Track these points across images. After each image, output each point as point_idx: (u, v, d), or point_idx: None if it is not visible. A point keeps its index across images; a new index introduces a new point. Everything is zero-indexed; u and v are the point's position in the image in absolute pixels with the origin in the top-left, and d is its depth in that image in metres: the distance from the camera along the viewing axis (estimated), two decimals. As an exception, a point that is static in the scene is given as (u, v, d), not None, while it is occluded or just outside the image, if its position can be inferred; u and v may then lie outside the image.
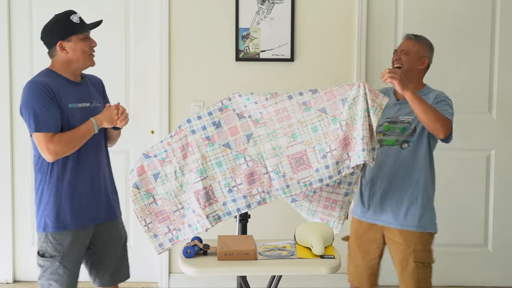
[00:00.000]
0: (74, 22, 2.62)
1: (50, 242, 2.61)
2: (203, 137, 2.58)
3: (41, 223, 2.62)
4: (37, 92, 2.53)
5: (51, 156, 2.54)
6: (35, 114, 2.52)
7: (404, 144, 2.85)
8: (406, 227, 2.82)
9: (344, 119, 2.52)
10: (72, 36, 2.61)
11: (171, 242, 2.62)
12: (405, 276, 2.84)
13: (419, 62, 2.89)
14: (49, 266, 2.63)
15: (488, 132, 4.04)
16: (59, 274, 2.62)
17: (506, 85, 4.01)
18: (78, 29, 2.62)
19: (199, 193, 2.55)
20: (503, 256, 4.10)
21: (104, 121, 2.64)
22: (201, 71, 3.97)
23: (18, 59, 4.06)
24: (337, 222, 2.81)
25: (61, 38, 2.61)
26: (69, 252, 2.62)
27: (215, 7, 3.94)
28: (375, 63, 3.96)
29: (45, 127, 2.52)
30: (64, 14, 2.65)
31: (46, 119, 2.52)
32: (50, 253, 2.62)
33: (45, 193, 2.62)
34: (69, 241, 2.62)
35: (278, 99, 2.59)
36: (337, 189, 2.74)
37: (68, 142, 2.55)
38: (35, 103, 2.52)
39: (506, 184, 4.07)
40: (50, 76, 2.62)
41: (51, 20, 2.66)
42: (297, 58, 3.95)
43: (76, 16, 2.66)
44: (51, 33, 2.64)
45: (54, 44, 2.62)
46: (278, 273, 2.57)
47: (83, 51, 2.63)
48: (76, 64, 2.65)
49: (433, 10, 3.96)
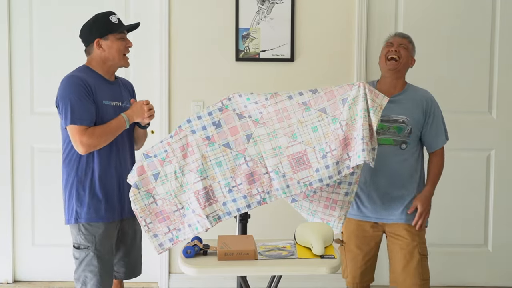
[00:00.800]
0: (113, 22, 2.75)
1: (83, 233, 2.71)
2: (203, 137, 2.58)
3: (73, 214, 2.72)
4: (74, 85, 2.64)
5: (84, 148, 2.64)
6: (72, 107, 2.63)
7: (402, 144, 2.91)
8: (410, 221, 2.91)
9: (344, 119, 2.52)
10: (109, 34, 2.73)
11: (171, 242, 2.62)
12: (410, 269, 2.88)
13: (411, 60, 3.00)
14: (84, 257, 2.71)
15: (488, 132, 4.04)
16: (94, 265, 2.70)
17: (506, 85, 4.01)
18: (116, 28, 2.74)
19: (199, 193, 2.55)
20: (503, 256, 4.10)
21: (134, 115, 2.76)
22: (201, 71, 3.97)
23: (18, 58, 4.06)
24: (337, 222, 2.81)
25: (99, 36, 2.73)
26: (102, 243, 2.72)
27: (215, 7, 3.94)
28: (375, 63, 3.95)
29: (80, 120, 2.63)
30: (104, 14, 2.78)
31: (81, 112, 2.63)
32: (84, 244, 2.71)
33: (75, 185, 2.72)
34: (101, 232, 2.72)
35: (278, 99, 2.59)
36: (337, 189, 2.74)
37: (100, 136, 2.65)
38: (72, 96, 2.63)
39: (506, 184, 4.07)
40: (87, 72, 2.73)
41: (91, 19, 2.78)
42: (297, 58, 3.95)
43: (115, 16, 2.79)
44: (90, 31, 2.75)
45: (92, 41, 2.74)
46: (278, 273, 2.57)
47: (118, 50, 2.75)
48: (111, 62, 2.77)
49: (433, 10, 3.96)
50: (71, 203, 2.73)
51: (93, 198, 2.71)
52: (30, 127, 4.09)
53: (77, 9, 3.98)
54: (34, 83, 4.06)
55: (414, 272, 2.88)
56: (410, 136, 2.91)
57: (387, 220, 2.94)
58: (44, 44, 4.03)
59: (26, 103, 4.07)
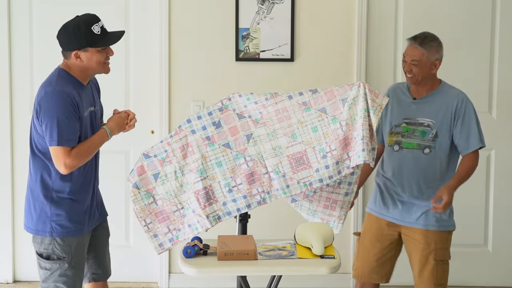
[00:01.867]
0: (95, 33, 2.52)
1: (58, 244, 2.56)
2: (203, 137, 2.58)
3: (46, 226, 2.56)
4: (63, 103, 2.47)
5: (67, 170, 2.49)
6: (59, 127, 2.46)
7: (426, 149, 2.83)
8: (428, 227, 2.84)
9: (344, 119, 2.52)
10: (89, 47, 2.53)
11: (171, 242, 2.62)
12: (425, 274, 2.85)
13: (431, 68, 2.84)
14: (58, 268, 2.57)
15: (488, 132, 4.02)
16: (68, 276, 2.58)
17: (506, 85, 4.01)
18: (97, 41, 2.53)
19: (199, 193, 2.55)
20: (503, 256, 4.09)
21: (116, 129, 2.65)
22: (201, 71, 3.97)
23: (18, 57, 4.05)
24: (337, 222, 2.81)
25: (78, 47, 2.53)
26: (77, 253, 2.60)
27: (215, 7, 3.94)
28: (375, 63, 3.96)
29: (67, 142, 2.48)
30: (86, 23, 2.53)
31: (69, 133, 2.48)
32: (59, 255, 2.57)
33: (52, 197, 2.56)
34: (77, 242, 2.60)
35: (278, 99, 2.59)
36: (337, 189, 2.74)
37: (85, 156, 2.53)
38: (60, 115, 2.46)
39: (506, 184, 4.06)
40: (68, 81, 2.55)
41: (72, 25, 2.55)
42: (297, 58, 3.95)
43: (98, 25, 2.55)
44: (69, 40, 2.55)
45: (70, 51, 2.55)
46: (278, 273, 2.57)
47: (98, 61, 2.56)
48: (90, 72, 2.60)
49: (433, 10, 3.96)
50: (44, 213, 2.57)
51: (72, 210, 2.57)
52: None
53: (77, 8, 3.96)
54: (34, 82, 4.05)
55: (428, 277, 2.84)
56: (436, 140, 2.82)
57: (403, 223, 2.88)
58: (44, 42, 4.02)
59: (26, 102, 4.06)
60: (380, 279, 3.01)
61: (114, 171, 4.05)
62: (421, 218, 2.84)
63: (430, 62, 2.82)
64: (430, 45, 2.82)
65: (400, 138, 2.88)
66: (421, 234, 2.84)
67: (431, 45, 2.82)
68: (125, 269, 4.08)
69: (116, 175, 4.05)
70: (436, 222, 2.83)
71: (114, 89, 4.03)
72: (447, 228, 2.87)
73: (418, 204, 2.86)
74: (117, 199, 4.06)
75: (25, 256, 4.14)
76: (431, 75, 2.86)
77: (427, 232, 2.84)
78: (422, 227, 2.84)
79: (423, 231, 2.84)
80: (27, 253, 4.14)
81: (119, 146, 4.06)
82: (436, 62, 2.84)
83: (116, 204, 4.06)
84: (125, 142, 4.05)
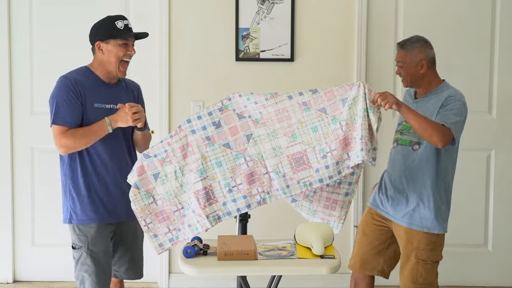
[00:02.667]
0: (118, 27, 2.73)
1: (76, 233, 2.75)
2: (203, 137, 2.58)
3: (67, 214, 2.76)
4: (63, 86, 2.68)
5: (63, 149, 2.68)
6: (57, 108, 2.66)
7: (415, 145, 2.86)
8: (412, 226, 2.84)
9: (344, 119, 2.52)
10: (111, 39, 2.73)
11: (171, 242, 2.62)
12: (405, 271, 2.87)
13: (417, 68, 2.87)
14: (79, 257, 2.75)
15: (488, 132, 4.04)
16: (88, 265, 2.73)
17: (506, 85, 4.01)
18: (118, 34, 2.73)
19: (199, 193, 2.55)
20: (503, 256, 4.10)
21: (118, 120, 2.71)
22: (201, 71, 3.97)
23: (18, 58, 4.05)
24: (338, 222, 2.81)
25: (101, 39, 2.74)
26: (94, 243, 2.74)
27: (215, 7, 3.94)
28: (375, 63, 3.96)
29: (62, 121, 2.66)
30: (112, 18, 2.77)
31: (65, 113, 2.66)
32: (78, 244, 2.75)
33: (69, 186, 2.74)
34: (93, 232, 2.73)
35: (278, 99, 2.59)
36: (337, 189, 2.74)
37: (80, 138, 2.66)
38: (59, 97, 2.67)
39: (506, 184, 4.07)
40: (85, 74, 2.75)
41: (100, 20, 2.79)
42: (297, 58, 3.95)
43: (123, 22, 2.77)
44: (95, 32, 2.77)
45: (94, 42, 2.76)
46: (278, 273, 2.57)
47: (117, 55, 2.73)
48: (108, 66, 2.75)
49: (433, 10, 3.96)
50: (67, 203, 2.77)
51: (86, 199, 2.73)
52: (30, 127, 4.08)
53: (77, 9, 3.98)
54: (34, 84, 4.06)
55: (407, 274, 2.85)
56: None
57: (393, 218, 2.91)
58: (44, 44, 4.03)
59: (26, 103, 4.07)
60: (371, 270, 3.01)
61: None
62: (406, 217, 2.85)
63: (414, 63, 2.86)
64: (411, 46, 2.88)
65: (399, 136, 2.94)
66: (405, 232, 2.86)
67: (413, 46, 2.88)
68: (125, 269, 4.08)
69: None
70: (420, 223, 2.83)
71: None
72: (432, 231, 2.83)
73: (403, 201, 2.87)
74: (117, 199, 4.06)
75: (25, 256, 4.14)
76: (422, 76, 2.89)
77: (411, 231, 2.85)
78: (406, 225, 2.86)
79: (407, 229, 2.86)
80: (27, 253, 4.15)
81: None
82: (422, 62, 2.86)
83: (116, 204, 4.07)
84: (125, 142, 4.05)
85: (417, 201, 2.84)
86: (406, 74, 2.88)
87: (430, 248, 2.84)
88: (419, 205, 2.83)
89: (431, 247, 2.85)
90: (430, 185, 2.83)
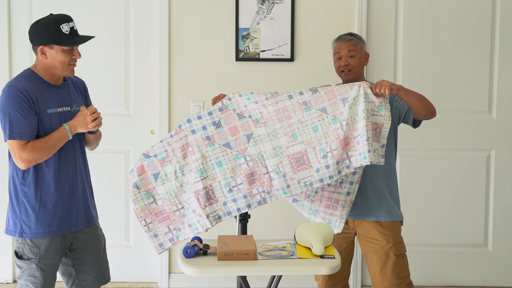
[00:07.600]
0: (63, 32, 2.53)
1: (27, 244, 2.60)
2: (203, 137, 2.58)
3: (17, 228, 2.60)
4: (14, 97, 2.48)
5: (24, 164, 2.51)
6: (11, 121, 2.48)
7: None
8: (380, 218, 2.83)
9: (344, 119, 2.52)
10: (55, 44, 2.53)
11: (171, 242, 2.62)
12: (387, 271, 2.84)
13: (363, 60, 2.93)
14: (27, 268, 2.60)
15: (488, 132, 4.04)
16: (35, 277, 2.60)
17: (506, 85, 4.01)
18: (62, 41, 2.53)
19: (199, 193, 2.55)
20: (503, 256, 4.09)
21: (78, 126, 2.59)
22: (201, 71, 3.97)
23: (18, 58, 4.05)
24: (339, 221, 2.81)
25: (44, 43, 2.54)
26: (46, 255, 2.60)
27: (215, 7, 3.94)
28: (375, 63, 3.96)
29: (20, 135, 2.49)
30: (56, 20, 2.55)
31: (21, 127, 2.48)
32: (27, 256, 2.60)
33: (21, 197, 2.58)
34: (46, 244, 2.60)
35: (279, 98, 2.59)
36: (338, 189, 2.74)
37: (41, 150, 2.50)
38: (12, 109, 2.48)
39: (506, 184, 4.06)
40: (31, 79, 2.56)
41: (43, 21, 2.57)
42: (297, 58, 3.95)
43: (69, 25, 2.56)
44: (37, 33, 2.56)
45: (37, 45, 2.56)
46: (278, 273, 2.56)
47: (62, 62, 2.55)
48: (54, 71, 2.59)
49: (433, 10, 3.96)
50: (17, 214, 2.59)
51: (41, 211, 2.57)
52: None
53: (77, 9, 3.98)
54: (34, 83, 4.05)
55: (390, 273, 2.84)
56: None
57: (358, 217, 2.87)
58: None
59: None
60: (342, 281, 3.03)
61: (114, 171, 4.05)
62: (373, 210, 2.83)
63: (363, 54, 2.92)
64: (359, 37, 2.93)
65: None
66: (376, 231, 2.84)
67: (360, 38, 2.94)
68: (125, 269, 4.08)
69: (116, 175, 4.05)
70: (387, 213, 2.84)
71: (114, 89, 4.04)
72: (399, 218, 2.88)
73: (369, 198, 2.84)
74: (117, 199, 4.06)
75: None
76: (363, 69, 2.94)
77: (380, 225, 2.83)
78: (374, 219, 2.83)
79: (376, 225, 2.83)
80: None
81: (119, 145, 4.06)
82: (367, 55, 2.94)
83: (116, 204, 4.06)
84: (125, 142, 4.05)
85: (376, 194, 2.84)
86: (357, 65, 2.88)
87: (401, 240, 2.88)
88: (379, 197, 2.84)
89: (401, 239, 2.89)
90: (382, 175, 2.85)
